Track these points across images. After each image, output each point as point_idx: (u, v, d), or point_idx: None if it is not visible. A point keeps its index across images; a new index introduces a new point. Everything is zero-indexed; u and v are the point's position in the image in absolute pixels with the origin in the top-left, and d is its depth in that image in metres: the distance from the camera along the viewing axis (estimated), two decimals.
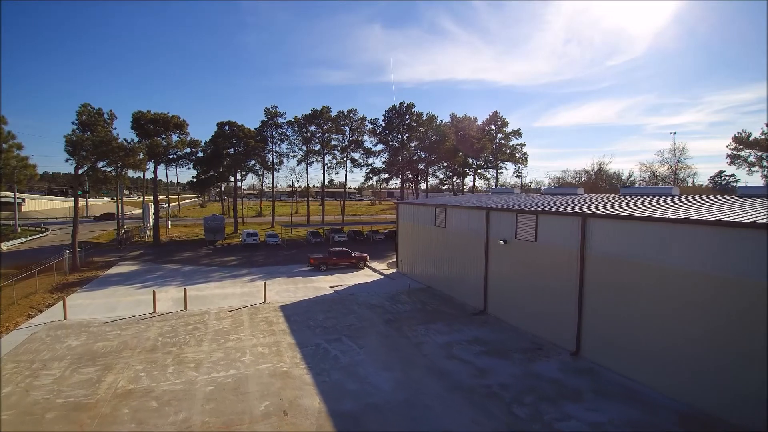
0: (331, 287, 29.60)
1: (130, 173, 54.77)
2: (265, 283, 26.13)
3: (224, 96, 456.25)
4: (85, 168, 37.07)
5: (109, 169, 40.24)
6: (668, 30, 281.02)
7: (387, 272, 35.22)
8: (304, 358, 16.71)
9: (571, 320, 17.95)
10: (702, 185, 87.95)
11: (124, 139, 37.28)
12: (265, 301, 25.24)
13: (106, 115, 37.56)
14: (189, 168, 59.04)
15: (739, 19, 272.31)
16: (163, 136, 50.08)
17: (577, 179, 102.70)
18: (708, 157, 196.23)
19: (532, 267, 20.13)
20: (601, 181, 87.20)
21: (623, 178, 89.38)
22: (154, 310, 23.19)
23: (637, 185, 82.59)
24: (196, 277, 33.14)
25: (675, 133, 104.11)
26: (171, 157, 53.36)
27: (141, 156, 39.04)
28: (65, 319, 21.82)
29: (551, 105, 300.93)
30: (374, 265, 38.36)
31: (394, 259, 41.34)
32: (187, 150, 54.03)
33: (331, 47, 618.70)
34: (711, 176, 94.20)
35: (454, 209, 26.46)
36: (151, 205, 59.14)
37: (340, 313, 23.13)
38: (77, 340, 18.68)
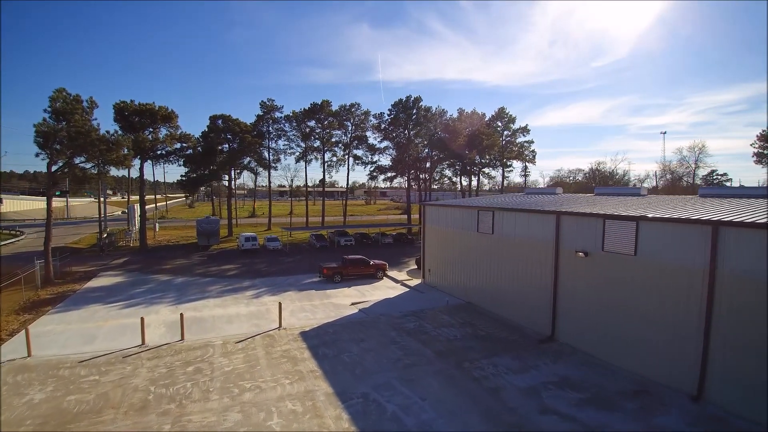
0: (353, 304, 25.16)
1: (114, 171, 49.54)
2: (280, 304, 21.47)
3: (213, 96, 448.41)
4: (60, 164, 31.98)
5: (88, 166, 35.17)
6: (652, 32, 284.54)
7: (411, 283, 30.87)
8: (353, 419, 12.25)
9: (692, 356, 13.87)
10: (697, 184, 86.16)
11: (107, 131, 32.25)
12: (280, 326, 20.67)
13: (85, 103, 32.45)
14: (179, 165, 53.69)
15: (722, 22, 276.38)
16: (150, 130, 45.05)
17: (571, 178, 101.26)
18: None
19: (628, 286, 15.98)
20: (594, 181, 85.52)
21: (616, 177, 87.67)
22: (143, 342, 18.49)
23: (631, 185, 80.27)
24: (192, 292, 28.39)
25: (665, 132, 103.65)
26: (159, 153, 48.24)
27: (126, 151, 33.99)
28: (29, 356, 17.00)
29: (537, 105, 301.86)
30: (394, 274, 34.00)
31: (414, 267, 37.11)
32: (177, 145, 48.94)
33: (320, 46, 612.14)
34: (703, 176, 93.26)
35: (505, 213, 22.22)
36: (138, 206, 53.87)
37: (378, 342, 18.70)
38: (42, 392, 13.94)
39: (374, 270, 32.38)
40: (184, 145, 49.59)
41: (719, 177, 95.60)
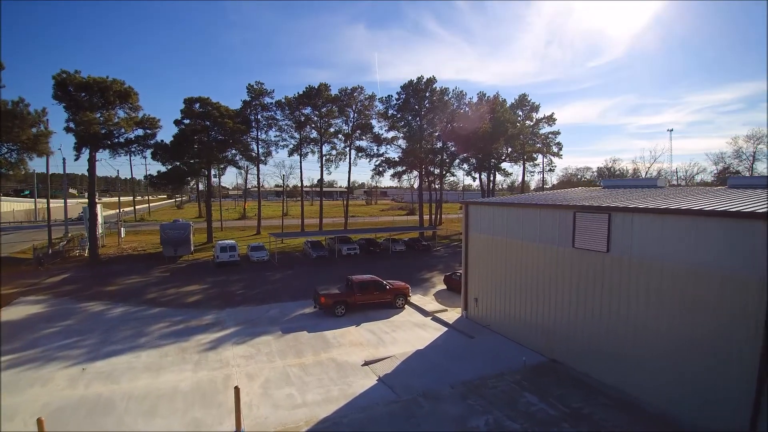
0: (367, 364, 15.74)
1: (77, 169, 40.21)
2: (237, 389, 11.68)
3: (209, 96, 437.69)
4: None
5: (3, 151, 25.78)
6: (648, 31, 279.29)
7: (447, 317, 21.43)
8: None
9: None
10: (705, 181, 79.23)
11: (12, 100, 22.77)
12: (238, 430, 11.18)
13: None
14: (142, 157, 44.50)
15: (718, 21, 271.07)
16: (103, 111, 35.60)
17: (579, 177, 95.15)
18: (689, 155, 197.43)
19: None
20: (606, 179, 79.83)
21: (627, 176, 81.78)
22: None
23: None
24: (121, 335, 18.95)
25: (672, 130, 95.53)
26: (117, 141, 38.66)
27: (42, 128, 24.53)
28: None
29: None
30: (418, 299, 24.58)
31: (442, 287, 27.77)
32: (140, 132, 39.46)
33: (316, 47, 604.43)
34: (715, 173, 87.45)
35: (638, 217, 12.78)
36: (100, 208, 44.44)
37: None
38: None
39: (392, 296, 22.95)
40: (149, 131, 40.05)
41: (731, 174, 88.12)
